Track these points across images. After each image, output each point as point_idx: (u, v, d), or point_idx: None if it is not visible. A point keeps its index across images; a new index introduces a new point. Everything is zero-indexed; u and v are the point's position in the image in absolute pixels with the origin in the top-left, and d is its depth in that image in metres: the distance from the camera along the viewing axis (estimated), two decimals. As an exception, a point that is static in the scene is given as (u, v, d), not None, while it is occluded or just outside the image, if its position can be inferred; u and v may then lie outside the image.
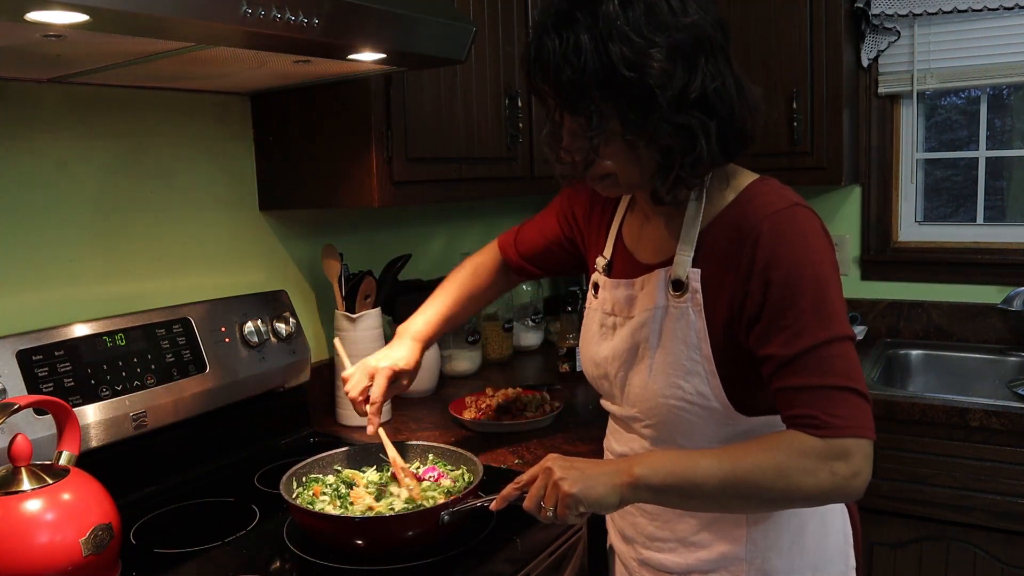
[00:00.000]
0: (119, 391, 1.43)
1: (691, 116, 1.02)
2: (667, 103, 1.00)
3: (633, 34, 0.99)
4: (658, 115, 1.01)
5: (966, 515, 2.00)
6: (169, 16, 0.97)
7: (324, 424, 1.90)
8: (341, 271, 1.88)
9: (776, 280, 1.03)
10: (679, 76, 1.00)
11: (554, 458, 1.10)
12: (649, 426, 1.19)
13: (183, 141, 1.71)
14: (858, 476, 0.99)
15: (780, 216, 1.06)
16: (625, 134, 1.04)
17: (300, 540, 1.29)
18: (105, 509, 1.12)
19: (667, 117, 1.01)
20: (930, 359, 2.51)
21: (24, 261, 1.46)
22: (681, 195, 1.11)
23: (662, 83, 0.99)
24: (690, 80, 1.01)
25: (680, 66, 1.00)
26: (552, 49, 1.02)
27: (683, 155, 1.05)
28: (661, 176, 1.07)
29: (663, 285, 1.15)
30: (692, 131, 1.03)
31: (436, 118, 1.80)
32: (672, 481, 1.03)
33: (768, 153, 2.38)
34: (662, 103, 1.00)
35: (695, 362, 1.12)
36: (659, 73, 0.99)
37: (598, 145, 1.06)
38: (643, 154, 1.07)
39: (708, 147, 1.04)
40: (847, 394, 1.00)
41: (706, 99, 1.02)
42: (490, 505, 1.16)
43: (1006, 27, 2.41)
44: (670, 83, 1.00)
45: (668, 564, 1.23)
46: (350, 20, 1.20)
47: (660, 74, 0.99)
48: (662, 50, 0.99)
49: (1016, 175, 2.58)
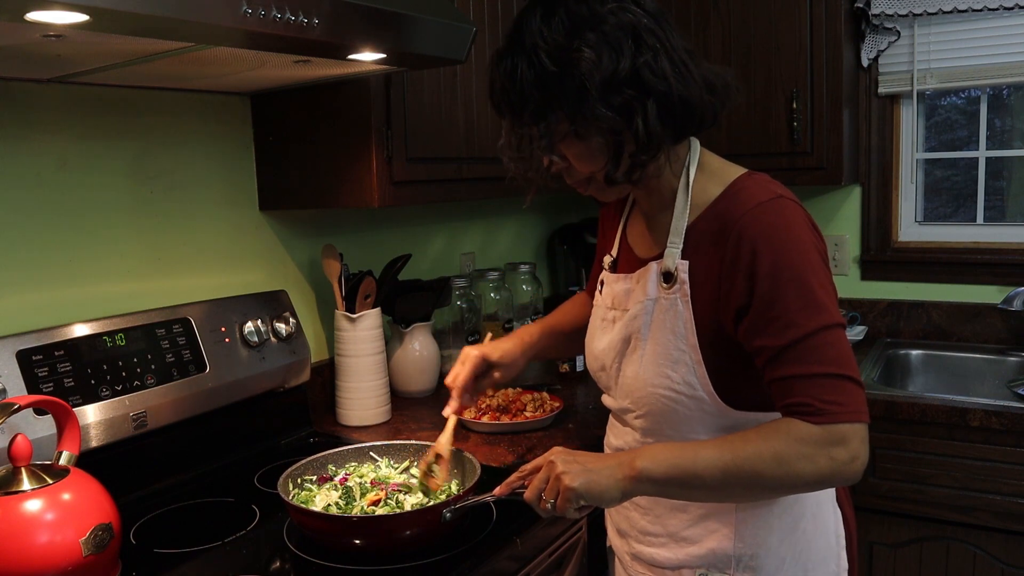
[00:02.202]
0: (119, 391, 1.43)
1: (624, 95, 1.06)
2: (598, 87, 1.05)
3: (558, 37, 1.07)
4: (593, 100, 1.06)
5: (966, 515, 2.00)
6: (169, 16, 0.97)
7: (324, 424, 1.90)
8: (341, 271, 1.88)
9: (761, 273, 1.05)
10: (606, 61, 1.05)
11: (558, 451, 1.12)
12: (640, 417, 1.21)
13: (183, 141, 1.71)
14: (856, 460, 1.02)
15: (763, 208, 1.08)
16: (572, 127, 1.09)
17: (300, 540, 1.29)
18: (105, 509, 1.12)
19: (602, 100, 1.06)
20: (930, 359, 2.51)
21: (24, 261, 1.46)
22: (636, 176, 1.13)
23: (589, 71, 1.04)
24: (618, 63, 1.05)
25: (606, 52, 1.05)
26: (496, 76, 1.12)
27: (628, 135, 1.08)
28: (614, 160, 1.11)
29: (655, 277, 1.18)
30: (630, 109, 1.07)
31: (436, 118, 1.80)
32: (674, 473, 1.05)
33: (768, 153, 2.38)
34: (592, 89, 1.05)
35: (682, 352, 1.14)
36: (586, 62, 1.05)
37: (553, 145, 1.12)
38: (596, 143, 1.11)
39: (647, 123, 1.07)
40: (840, 381, 1.02)
41: (638, 77, 1.06)
42: (494, 491, 1.19)
43: (1006, 27, 2.41)
44: (597, 69, 1.05)
45: (659, 559, 1.24)
46: (350, 20, 1.20)
47: (587, 63, 1.05)
48: (587, 42, 1.05)
49: (1016, 175, 2.58)
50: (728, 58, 2.40)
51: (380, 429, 1.86)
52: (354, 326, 1.86)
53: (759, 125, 2.39)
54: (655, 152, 1.11)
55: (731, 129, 2.38)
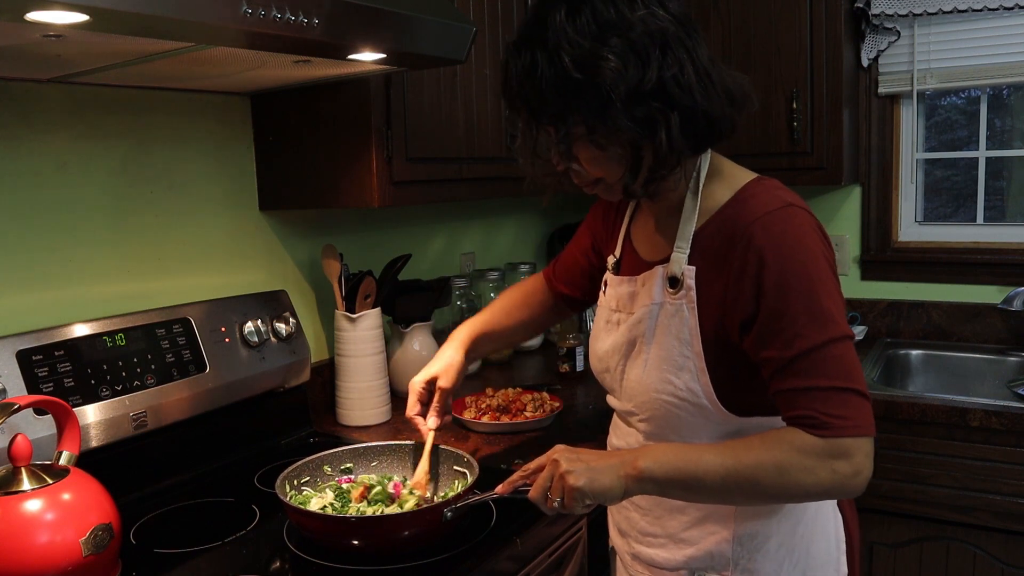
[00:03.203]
0: (119, 391, 1.43)
1: (649, 108, 1.03)
2: (623, 98, 1.02)
3: (582, 39, 1.02)
4: (616, 111, 1.03)
5: (966, 515, 2.00)
6: (169, 16, 0.97)
7: (324, 424, 1.90)
8: (341, 271, 1.88)
9: (769, 283, 1.04)
10: (632, 71, 1.02)
11: (561, 450, 1.11)
12: (644, 420, 1.20)
13: (183, 141, 1.71)
14: (859, 475, 1.00)
15: (773, 217, 1.06)
16: (591, 135, 1.06)
17: (300, 540, 1.29)
18: (105, 509, 1.12)
19: (625, 112, 1.03)
20: (930, 359, 2.51)
21: (24, 261, 1.46)
22: (652, 189, 1.12)
23: (614, 80, 1.01)
24: (644, 73, 1.02)
25: (632, 62, 1.02)
26: (513, 69, 1.08)
27: (649, 148, 1.06)
28: (633, 172, 1.09)
29: (661, 281, 1.16)
30: (653, 122, 1.04)
31: (436, 118, 1.80)
32: (676, 475, 1.05)
33: (768, 153, 2.38)
34: (616, 100, 1.02)
35: (686, 358, 1.13)
36: (611, 72, 1.01)
37: (569, 150, 1.09)
38: (614, 153, 1.08)
39: (670, 137, 1.04)
40: (846, 394, 1.01)
41: (664, 90, 1.03)
42: (496, 489, 1.19)
43: (1006, 27, 2.41)
44: (623, 79, 1.01)
45: (658, 559, 1.24)
46: (350, 20, 1.20)
47: (612, 73, 1.01)
48: (613, 49, 1.01)
49: (1016, 175, 2.58)
50: (728, 58, 2.40)
51: (380, 429, 1.86)
52: (354, 326, 1.86)
53: (759, 125, 2.38)
54: (674, 166, 1.08)
55: (731, 129, 2.38)
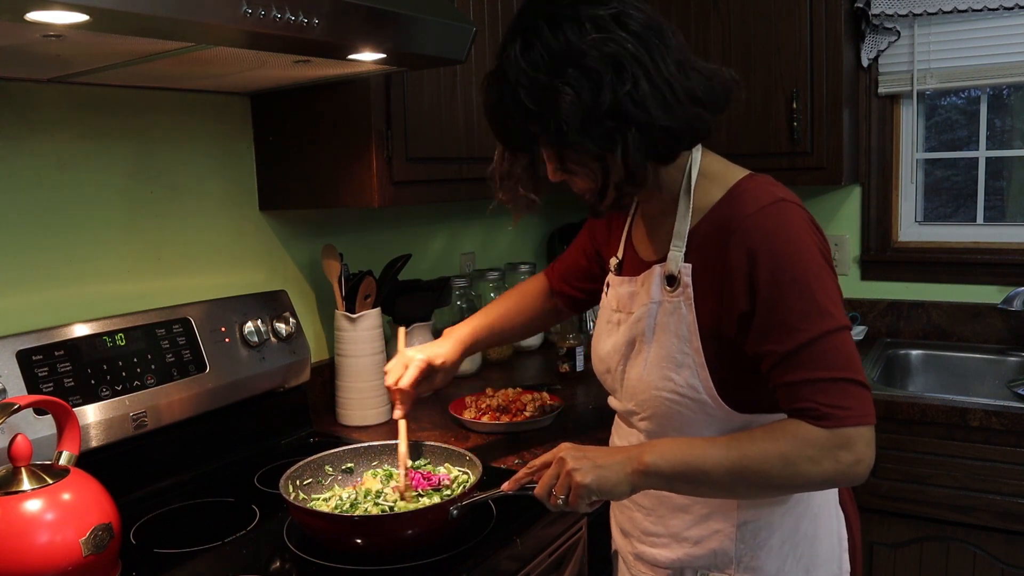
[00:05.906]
0: (119, 391, 1.43)
1: (604, 126, 1.05)
2: (579, 125, 1.04)
3: (537, 73, 1.05)
4: (575, 136, 1.05)
5: (966, 515, 2.00)
6: (169, 16, 0.97)
7: (324, 424, 1.90)
8: (341, 271, 1.88)
9: (762, 279, 1.05)
10: (586, 96, 1.03)
11: (567, 448, 1.13)
12: (645, 419, 1.21)
13: (183, 141, 1.71)
14: (861, 463, 1.02)
15: (764, 212, 1.08)
16: (560, 160, 1.11)
17: (300, 540, 1.29)
18: (105, 509, 1.12)
19: (583, 134, 1.05)
20: (930, 359, 2.51)
21: (24, 261, 1.46)
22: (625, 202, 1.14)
23: (569, 110, 1.03)
24: (598, 96, 1.03)
25: (586, 87, 1.03)
26: (485, 103, 1.14)
27: (614, 162, 1.08)
28: (603, 187, 1.12)
29: (659, 280, 1.18)
30: (611, 139, 1.06)
31: (436, 118, 1.80)
32: (682, 469, 1.06)
33: (768, 153, 2.38)
34: (573, 127, 1.04)
35: (685, 355, 1.14)
36: (567, 103, 1.03)
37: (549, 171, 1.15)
38: (585, 171, 1.11)
39: (627, 153, 1.06)
40: (845, 384, 1.02)
41: (618, 108, 1.04)
42: (502, 486, 1.20)
43: (1006, 27, 2.41)
44: (578, 107, 1.03)
45: (661, 559, 1.25)
46: (350, 20, 1.20)
47: (568, 104, 1.03)
48: (567, 80, 1.03)
49: (1016, 175, 2.58)
50: (728, 58, 2.40)
51: (380, 429, 1.86)
52: (354, 326, 1.86)
53: (759, 125, 2.39)
54: (644, 176, 1.09)
55: (731, 129, 2.38)
